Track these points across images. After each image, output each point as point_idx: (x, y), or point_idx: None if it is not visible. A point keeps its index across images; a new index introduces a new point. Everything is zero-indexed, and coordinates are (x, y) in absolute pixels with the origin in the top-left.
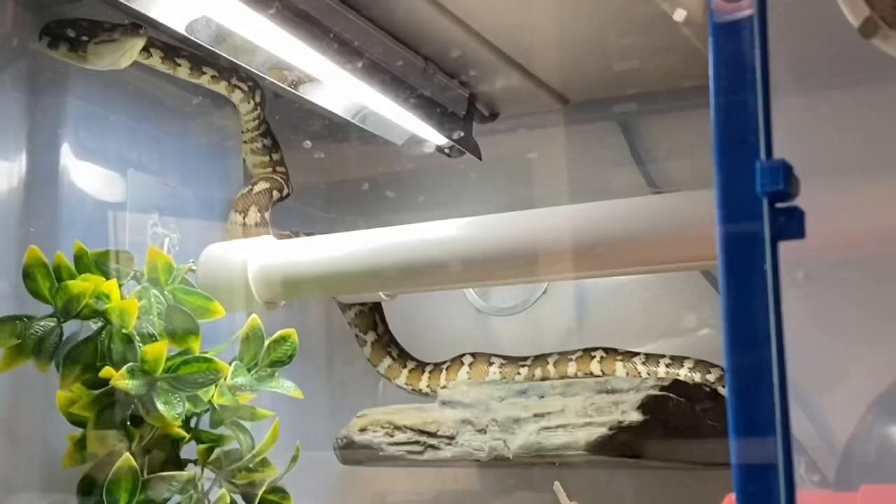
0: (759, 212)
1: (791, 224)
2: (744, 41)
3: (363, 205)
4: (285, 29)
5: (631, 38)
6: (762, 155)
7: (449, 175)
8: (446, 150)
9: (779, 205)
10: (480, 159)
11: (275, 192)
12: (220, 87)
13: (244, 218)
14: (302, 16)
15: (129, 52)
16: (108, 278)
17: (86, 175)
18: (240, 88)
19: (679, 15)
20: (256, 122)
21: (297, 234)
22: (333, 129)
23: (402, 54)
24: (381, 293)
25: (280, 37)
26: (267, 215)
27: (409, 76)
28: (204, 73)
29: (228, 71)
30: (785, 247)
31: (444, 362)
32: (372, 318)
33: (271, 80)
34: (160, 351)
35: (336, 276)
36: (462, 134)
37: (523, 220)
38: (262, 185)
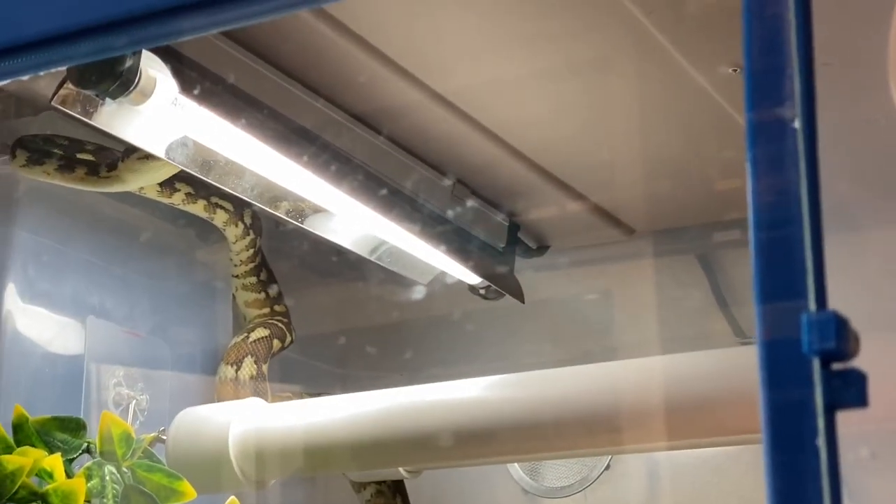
0: (808, 374)
1: (849, 390)
2: (788, 159)
3: (381, 358)
4: (283, 152)
5: (711, 155)
6: (811, 305)
7: (485, 321)
8: (481, 291)
9: (835, 366)
10: (523, 302)
11: (275, 342)
12: (198, 209)
13: (237, 371)
14: (301, 134)
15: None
16: (52, 451)
17: (34, 322)
18: (222, 209)
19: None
20: (249, 250)
21: (300, 396)
22: (345, 264)
23: (426, 175)
24: (401, 469)
25: (277, 161)
26: (265, 368)
27: (434, 201)
28: (177, 191)
29: (207, 187)
30: (844, 418)
31: None
32: (392, 500)
33: (270, 212)
34: None
35: (343, 447)
36: (501, 271)
37: (579, 377)
38: (261, 333)
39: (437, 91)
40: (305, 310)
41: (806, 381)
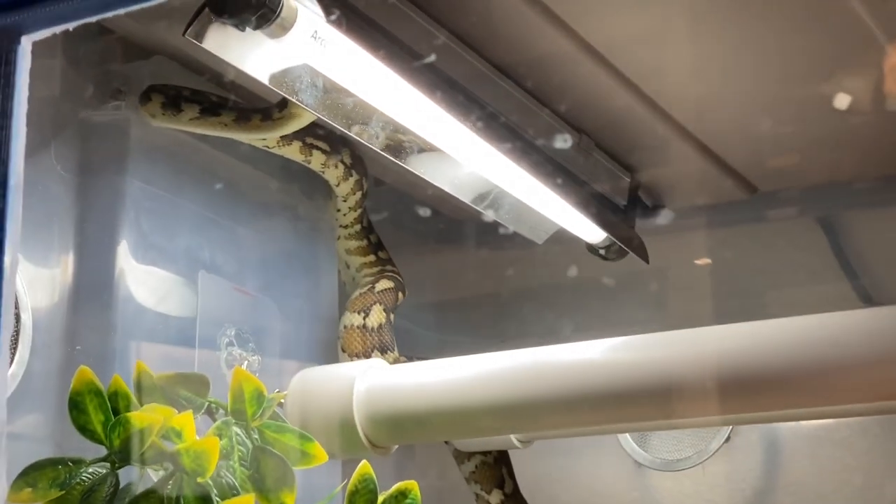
0: None
1: None
2: None
3: (484, 324)
4: (405, 77)
5: (849, 108)
6: None
7: (592, 286)
8: (601, 251)
9: None
10: (648, 262)
11: (399, 294)
12: (293, 151)
13: (365, 319)
14: (433, 73)
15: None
16: (178, 410)
17: (148, 279)
18: (318, 150)
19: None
20: (357, 193)
21: (410, 359)
22: (447, 225)
23: (552, 125)
24: (514, 439)
25: (405, 95)
26: (392, 318)
27: (559, 152)
28: None
29: (302, 129)
30: None
31: None
32: (498, 471)
33: (380, 151)
34: None
35: (476, 410)
36: (624, 228)
37: (701, 339)
38: (386, 284)
39: (579, 35)
40: (404, 273)
41: None
